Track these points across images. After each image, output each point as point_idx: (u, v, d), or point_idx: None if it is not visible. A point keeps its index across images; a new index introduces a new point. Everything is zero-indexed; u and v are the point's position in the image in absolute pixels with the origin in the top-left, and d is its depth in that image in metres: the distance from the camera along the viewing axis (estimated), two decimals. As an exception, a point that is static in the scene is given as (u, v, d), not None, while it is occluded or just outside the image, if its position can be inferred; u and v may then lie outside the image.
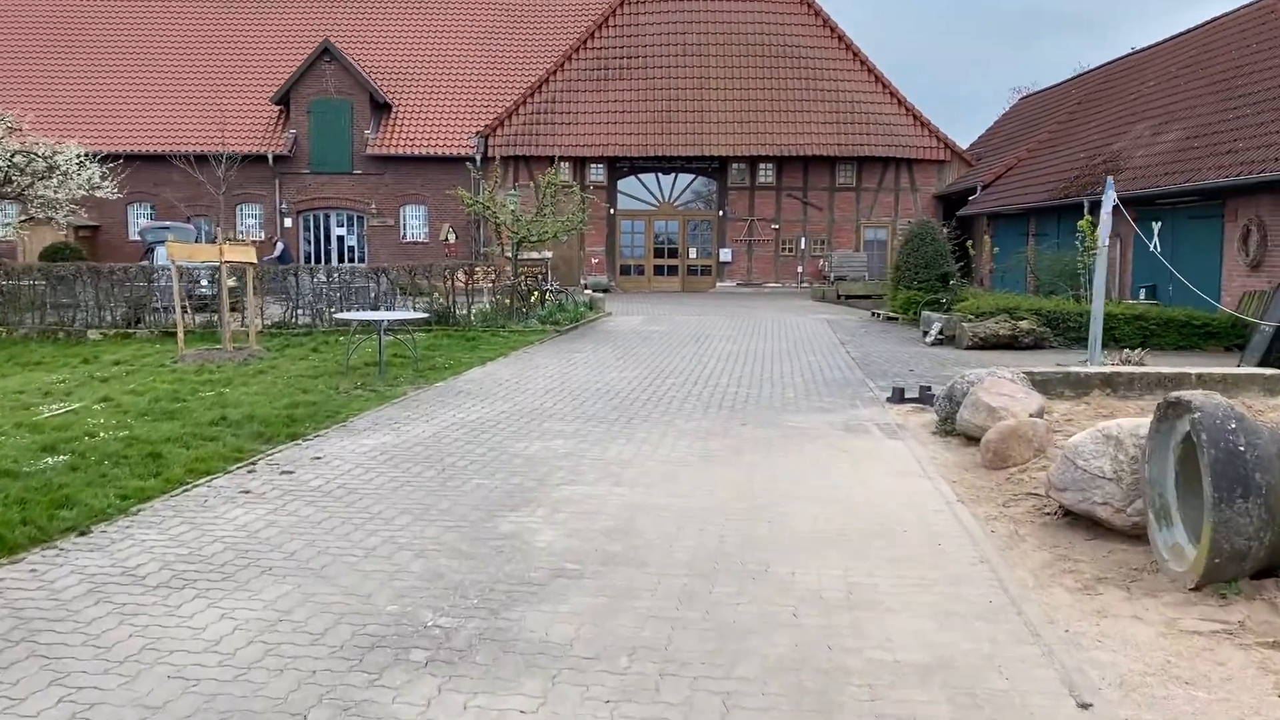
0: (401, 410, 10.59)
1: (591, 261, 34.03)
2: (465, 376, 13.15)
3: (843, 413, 10.70)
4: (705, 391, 12.13)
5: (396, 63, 36.09)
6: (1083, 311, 17.71)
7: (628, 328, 20.37)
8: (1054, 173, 26.37)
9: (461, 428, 9.67)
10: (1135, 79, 27.55)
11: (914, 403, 11.14)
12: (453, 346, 16.03)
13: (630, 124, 32.98)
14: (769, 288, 34.01)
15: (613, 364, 14.68)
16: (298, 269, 18.56)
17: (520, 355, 15.48)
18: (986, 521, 6.64)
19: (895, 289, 23.61)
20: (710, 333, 19.57)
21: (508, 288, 19.42)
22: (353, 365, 13.80)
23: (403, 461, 8.24)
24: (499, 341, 16.86)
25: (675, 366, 14.48)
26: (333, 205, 34.19)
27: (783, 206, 34.09)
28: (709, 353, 16.26)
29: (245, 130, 33.71)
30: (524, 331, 18.26)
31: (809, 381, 13.07)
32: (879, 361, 15.38)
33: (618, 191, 34.23)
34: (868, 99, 33.36)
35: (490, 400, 11.30)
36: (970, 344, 17.17)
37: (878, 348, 17.37)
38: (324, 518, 6.63)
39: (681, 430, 9.62)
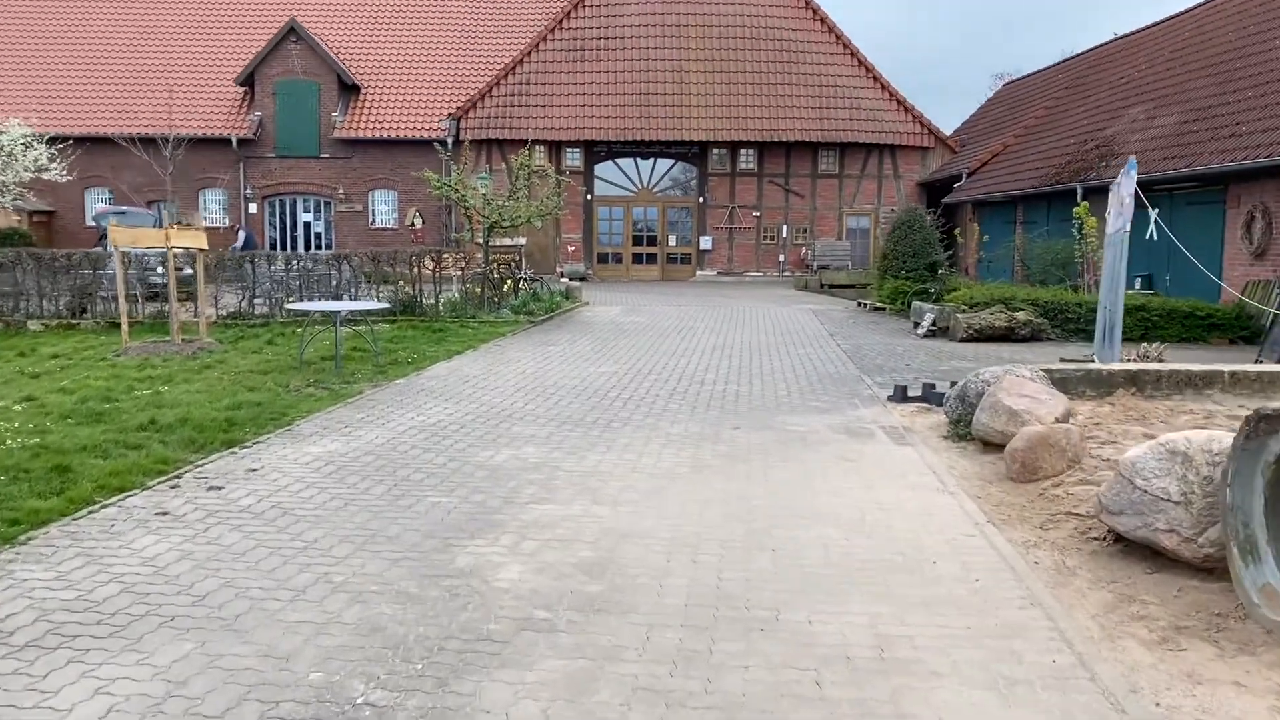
0: (355, 412, 9.52)
1: (568, 249, 32.94)
2: (429, 373, 12.08)
3: (842, 413, 9.72)
4: (691, 389, 11.13)
5: (365, 43, 34.79)
6: (1081, 302, 16.85)
7: (606, 318, 19.33)
8: (1043, 159, 25.51)
9: (421, 432, 8.62)
10: (1126, 63, 26.72)
11: (918, 402, 10.18)
12: (418, 339, 14.95)
13: (607, 107, 31.88)
14: (750, 277, 33.05)
15: (590, 358, 13.65)
16: (255, 256, 17.39)
17: (490, 348, 14.42)
18: (1026, 549, 5.68)
19: (882, 278, 22.70)
20: (692, 324, 18.57)
21: (478, 276, 18.33)
22: (308, 360, 12.70)
23: (350, 474, 7.18)
24: (468, 333, 15.79)
25: (657, 361, 13.47)
26: (299, 190, 32.90)
27: (764, 193, 33.12)
28: (692, 345, 15.27)
29: (208, 112, 32.37)
30: (495, 322, 17.19)
31: (801, 378, 12.10)
32: (872, 355, 14.44)
33: (595, 176, 33.14)
34: (851, 83, 32.40)
35: (455, 400, 10.25)
36: (965, 336, 16.26)
37: (868, 339, 16.43)
38: (249, 547, 5.58)
39: (668, 435, 8.61)
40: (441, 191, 18.33)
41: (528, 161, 18.78)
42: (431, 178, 18.13)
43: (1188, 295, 17.52)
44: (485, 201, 18.38)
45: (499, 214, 18.10)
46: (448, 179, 18.32)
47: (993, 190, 26.76)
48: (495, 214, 18.11)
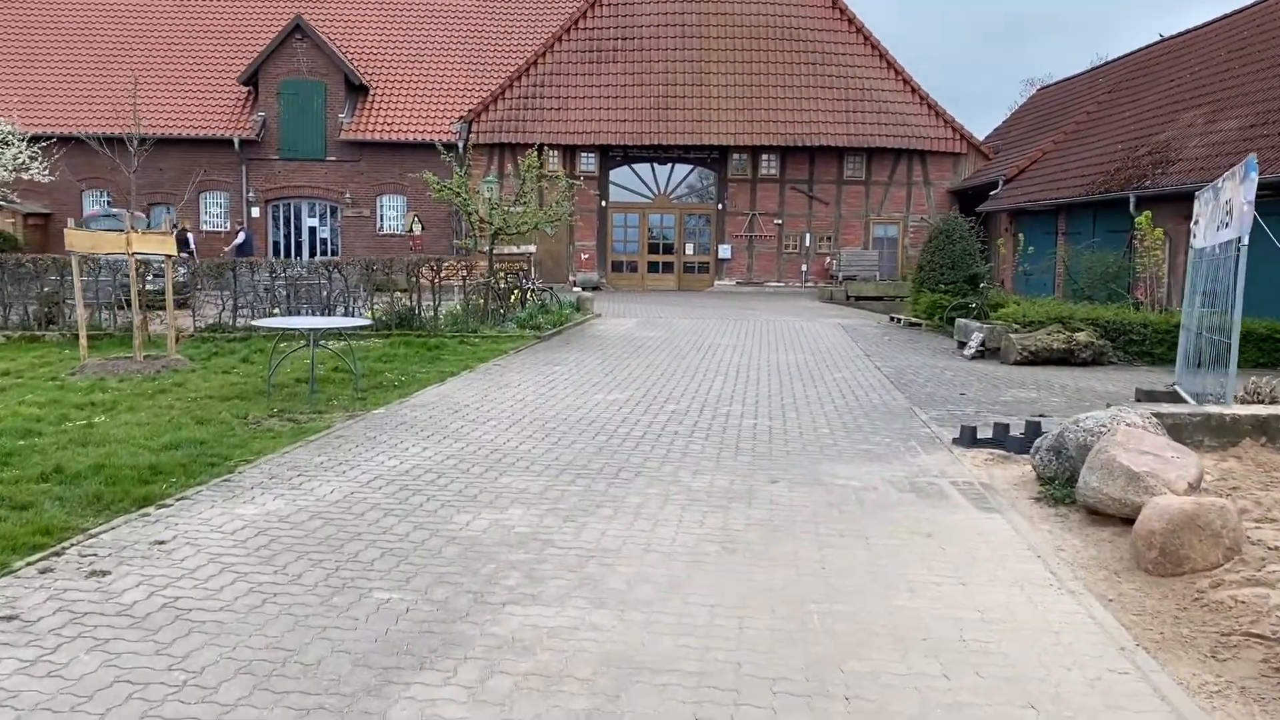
0: (315, 453, 7.84)
1: (581, 257, 31.27)
2: (415, 399, 10.40)
3: (901, 461, 7.98)
4: (715, 424, 9.41)
5: (374, 42, 33.25)
6: (1146, 322, 15.06)
7: (619, 333, 17.64)
8: (1087, 166, 23.69)
9: (388, 484, 6.93)
10: (1173, 65, 24.89)
11: (990, 447, 8.43)
12: (410, 357, 13.27)
13: (624, 110, 30.21)
14: (770, 287, 31.31)
15: (600, 381, 11.95)
16: (236, 264, 15.78)
17: (489, 369, 12.73)
18: (1207, 697, 3.94)
19: (918, 291, 20.94)
20: (713, 340, 16.85)
21: (481, 286, 16.67)
22: (280, 383, 11.05)
23: (283, 551, 5.50)
24: (466, 350, 14.11)
25: (675, 386, 11.75)
26: (304, 194, 31.35)
27: (786, 200, 31.36)
28: (714, 366, 13.55)
29: (209, 112, 30.87)
30: (498, 337, 15.51)
31: (842, 409, 10.36)
32: (918, 380, 12.68)
33: (610, 182, 31.47)
34: (878, 86, 30.64)
35: (438, 436, 8.55)
36: (1019, 359, 14.49)
37: (910, 361, 14.67)
38: (102, 685, 3.89)
39: (689, 491, 6.89)
40: (442, 195, 16.70)
41: (535, 164, 17.12)
42: (431, 179, 16.50)
43: (1263, 316, 15.69)
44: (491, 207, 16.73)
45: (504, 220, 16.46)
46: (449, 182, 16.67)
47: (1033, 198, 24.95)
48: (500, 220, 16.46)
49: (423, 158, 29.55)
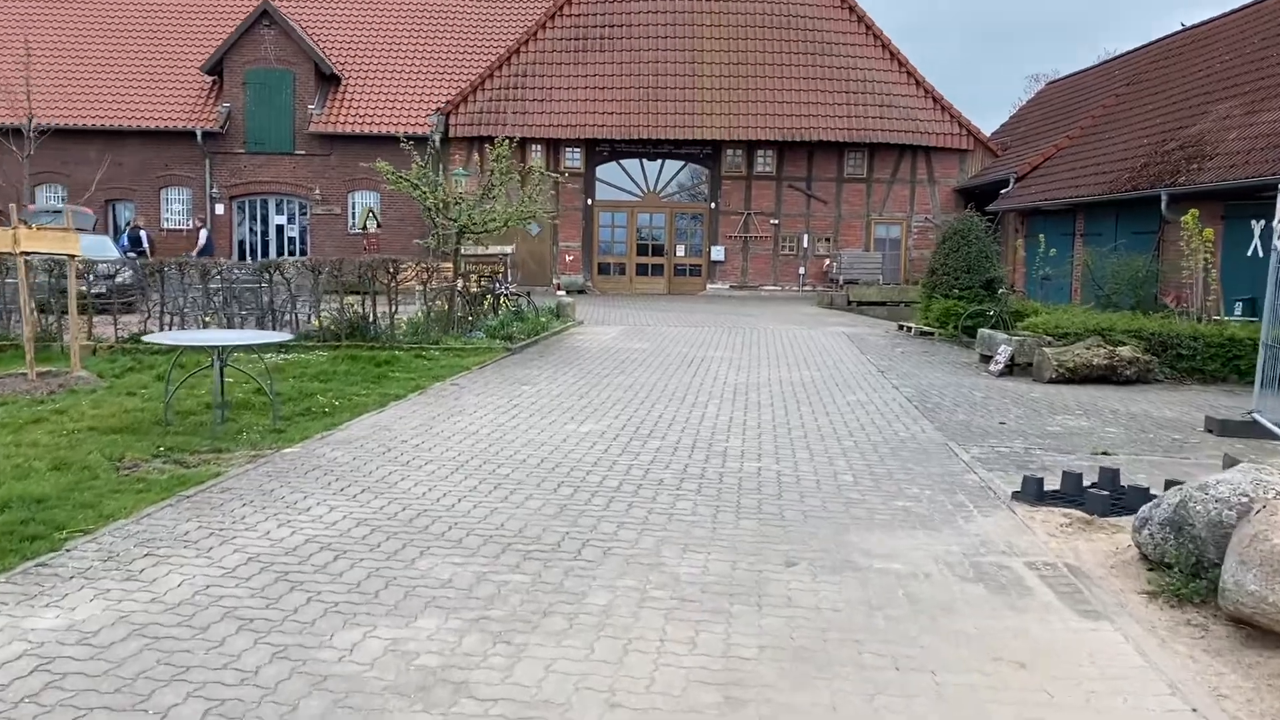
0: (185, 516, 5.93)
1: (565, 258, 29.35)
2: (344, 432, 8.49)
3: (951, 525, 6.10)
4: (710, 468, 7.52)
5: (346, 29, 31.27)
6: (1197, 334, 13.21)
7: (600, 344, 15.74)
8: (1108, 162, 21.87)
9: (263, 570, 5.03)
10: (1199, 55, 23.08)
11: (1062, 504, 6.55)
12: (352, 375, 11.33)
13: (611, 103, 28.30)
14: (766, 290, 29.42)
15: (573, 407, 10.04)
16: (163, 265, 13.82)
17: (443, 390, 10.80)
18: None
19: (929, 297, 19.09)
20: (706, 352, 14.97)
21: (446, 291, 14.75)
22: (186, 410, 9.13)
23: (59, 704, 3.59)
24: (421, 366, 12.19)
25: (662, 412, 9.86)
26: (272, 190, 29.35)
27: (783, 199, 29.48)
28: (707, 385, 11.65)
29: (170, 103, 28.85)
30: (462, 350, 13.59)
31: (864, 445, 8.47)
32: (945, 404, 10.81)
33: (596, 179, 29.55)
34: (881, 78, 28.78)
35: (354, 490, 6.64)
36: (1054, 376, 12.63)
37: (930, 379, 12.80)
38: None
39: (676, 583, 4.99)
40: (398, 188, 14.79)
41: (506, 154, 15.22)
42: (385, 169, 14.59)
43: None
44: (454, 201, 14.83)
45: (468, 217, 14.54)
46: (406, 173, 14.76)
47: (1049, 197, 23.12)
48: (464, 216, 14.55)
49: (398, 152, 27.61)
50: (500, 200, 14.97)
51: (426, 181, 14.62)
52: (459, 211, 14.58)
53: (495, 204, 14.86)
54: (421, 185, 14.47)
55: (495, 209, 14.76)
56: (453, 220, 14.67)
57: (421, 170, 14.79)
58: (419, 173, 14.69)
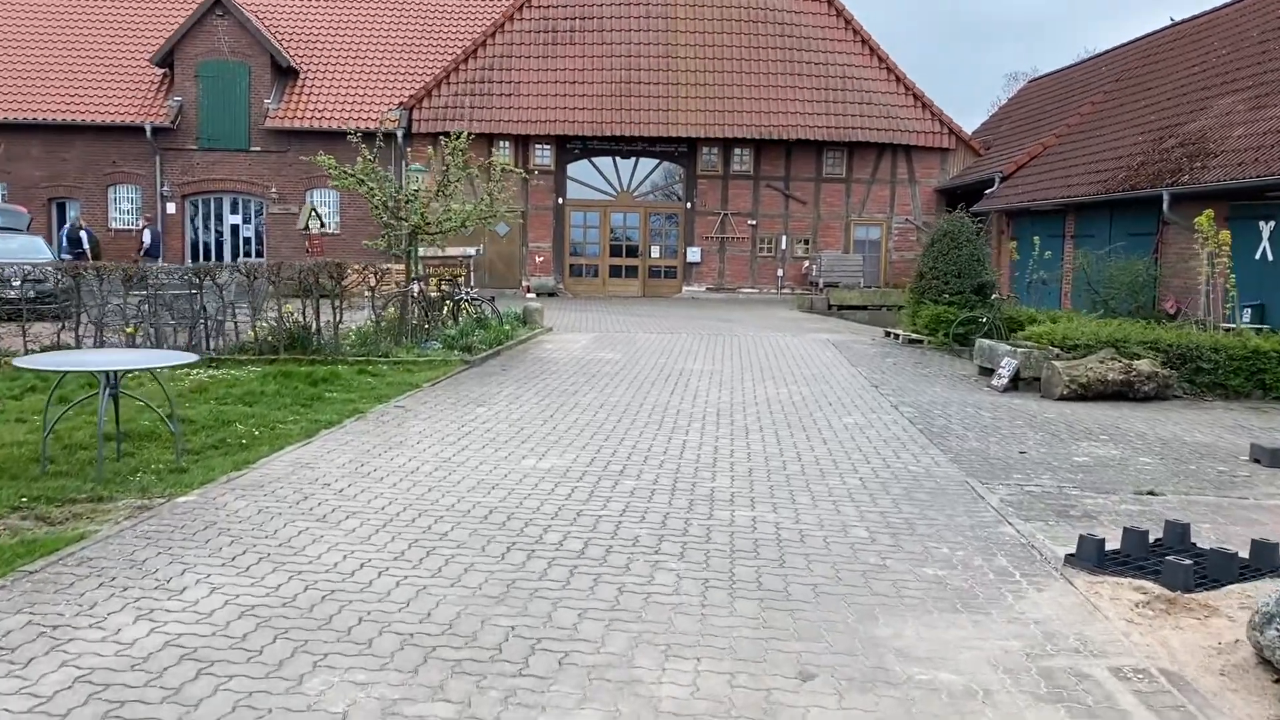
0: (17, 604, 4.52)
1: (535, 259, 27.94)
2: (255, 472, 7.07)
3: (1000, 605, 4.79)
4: (695, 520, 6.17)
5: (304, 20, 29.68)
6: (1219, 346, 12.00)
7: (569, 354, 14.36)
8: (1100, 161, 20.74)
9: (82, 700, 3.62)
10: (1192, 50, 22.01)
11: (1129, 572, 5.26)
12: (282, 396, 9.87)
13: (583, 98, 26.92)
14: (744, 293, 28.14)
15: (533, 435, 8.66)
16: (80, 271, 12.30)
17: (385, 414, 9.38)
18: None
19: (917, 302, 17.84)
20: (684, 364, 13.63)
21: (398, 296, 13.33)
22: (75, 444, 7.68)
23: None
24: (364, 384, 10.76)
25: (636, 440, 8.50)
26: (226, 188, 27.73)
27: (761, 199, 28.21)
28: (687, 406, 10.31)
29: (119, 97, 27.18)
30: (414, 363, 12.17)
31: (873, 484, 7.16)
32: (952, 426, 9.53)
33: (567, 177, 28.15)
34: (860, 74, 27.57)
35: (248, 560, 5.24)
36: (1066, 392, 11.38)
37: (929, 395, 11.52)
38: None
39: (656, 718, 3.64)
40: (343, 184, 13.37)
41: (463, 147, 13.84)
42: (327, 163, 13.17)
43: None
44: (407, 199, 13.41)
45: (420, 215, 13.14)
46: (350, 168, 13.34)
47: (1038, 198, 21.97)
48: (417, 216, 13.15)
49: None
50: (457, 198, 13.55)
51: (375, 177, 13.19)
52: (411, 210, 13.16)
53: (451, 202, 13.44)
54: (368, 181, 13.05)
55: (451, 207, 13.35)
56: (403, 220, 13.26)
57: (370, 165, 13.36)
58: (366, 167, 13.26)
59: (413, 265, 13.64)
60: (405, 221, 13.24)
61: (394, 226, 13.34)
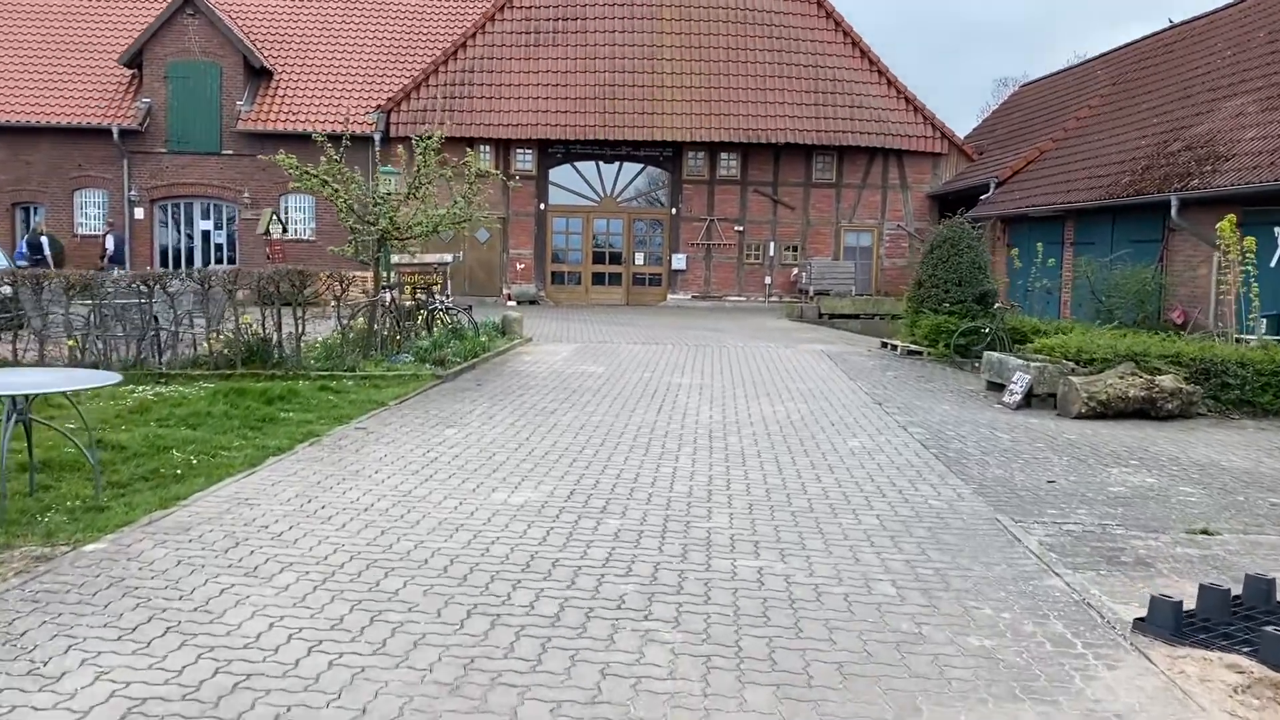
0: None
1: (516, 266, 26.98)
2: (184, 511, 6.11)
3: (1068, 691, 3.88)
4: (691, 575, 5.24)
5: (279, 19, 28.66)
6: (1245, 360, 11.18)
7: (549, 367, 13.43)
8: (1103, 165, 19.98)
9: None
10: (1194, 51, 21.31)
11: (1218, 641, 4.37)
12: (231, 417, 8.89)
13: (565, 101, 26.01)
14: (730, 301, 27.27)
15: (505, 463, 7.73)
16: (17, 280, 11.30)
17: (344, 438, 8.43)
18: None
19: (916, 312, 17.01)
20: (671, 378, 12.72)
21: (366, 307, 12.38)
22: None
23: None
24: (325, 402, 9.79)
25: (621, 469, 7.57)
26: (196, 193, 26.67)
27: (748, 204, 27.36)
28: (676, 427, 9.40)
29: (85, 98, 26.09)
30: (382, 378, 11.21)
31: (892, 522, 6.26)
32: (969, 450, 8.65)
33: (549, 182, 27.22)
34: (850, 77, 26.76)
35: (151, 631, 4.28)
36: (1084, 410, 10.53)
37: (938, 413, 10.65)
38: None
39: None
40: (305, 185, 12.43)
41: (434, 146, 12.93)
42: (287, 162, 12.25)
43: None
44: (375, 202, 12.48)
45: (389, 220, 12.21)
46: (314, 169, 12.41)
47: (1036, 203, 21.18)
48: (384, 220, 12.22)
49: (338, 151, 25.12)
50: (429, 201, 12.61)
51: (342, 178, 12.25)
52: (378, 214, 12.22)
53: (421, 205, 12.52)
54: (332, 183, 12.11)
55: (420, 212, 12.42)
56: (370, 224, 12.33)
57: (336, 165, 12.41)
58: (331, 167, 12.32)
59: (382, 272, 12.69)
60: (373, 226, 12.31)
61: (361, 231, 12.40)
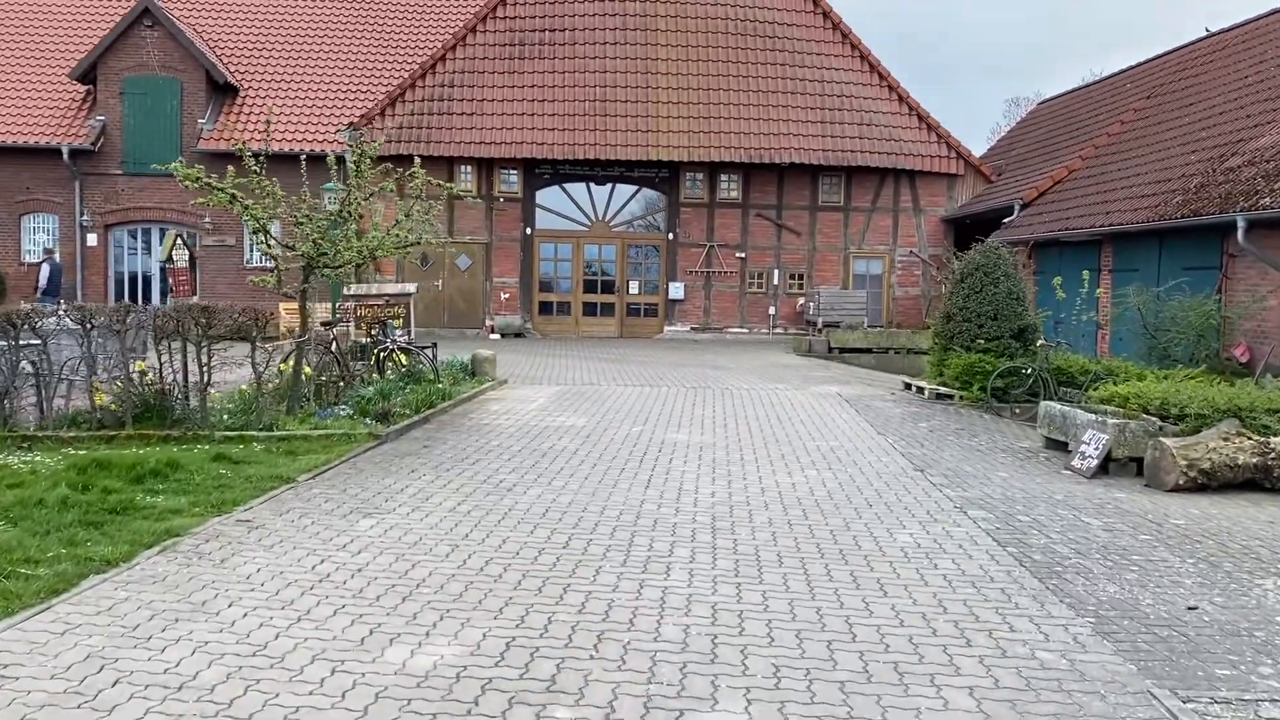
0: None
1: (501, 296, 24.78)
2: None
3: None
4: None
5: (244, 32, 26.60)
6: (1375, 415, 8.93)
7: (519, 420, 11.17)
8: (1145, 184, 17.83)
9: None
10: (1242, 59, 19.24)
11: None
12: (68, 506, 6.52)
13: (554, 117, 23.91)
14: (732, 333, 25.07)
15: (424, 585, 5.45)
16: None
17: (212, 539, 6.13)
18: None
19: (945, 349, 14.80)
20: (665, 434, 10.47)
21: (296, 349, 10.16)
22: None
23: None
24: (213, 477, 7.51)
25: (585, 597, 5.30)
26: (154, 218, 24.50)
27: (750, 229, 25.19)
28: (668, 514, 7.13)
29: (33, 115, 24.00)
30: (304, 440, 8.95)
31: (993, 702, 4.01)
32: (1057, 548, 6.39)
33: (536, 205, 25.06)
34: (859, 92, 24.70)
35: None
36: (1183, 482, 8.29)
37: (997, 484, 8.39)
38: None
39: None
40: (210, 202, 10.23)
41: (371, 154, 10.81)
42: (180, 170, 10.10)
43: None
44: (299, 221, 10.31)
45: (313, 244, 10.03)
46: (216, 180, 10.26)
47: (1068, 226, 19.02)
48: (309, 244, 10.05)
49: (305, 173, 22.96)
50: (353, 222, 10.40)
51: (262, 191, 10.10)
52: (302, 235, 10.04)
53: (349, 226, 10.33)
54: (241, 198, 9.95)
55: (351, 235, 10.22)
56: (289, 248, 10.16)
57: (256, 178, 10.25)
58: (252, 180, 10.16)
59: (306, 306, 10.48)
60: (292, 250, 10.14)
61: (286, 259, 10.23)
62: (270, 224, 10.23)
